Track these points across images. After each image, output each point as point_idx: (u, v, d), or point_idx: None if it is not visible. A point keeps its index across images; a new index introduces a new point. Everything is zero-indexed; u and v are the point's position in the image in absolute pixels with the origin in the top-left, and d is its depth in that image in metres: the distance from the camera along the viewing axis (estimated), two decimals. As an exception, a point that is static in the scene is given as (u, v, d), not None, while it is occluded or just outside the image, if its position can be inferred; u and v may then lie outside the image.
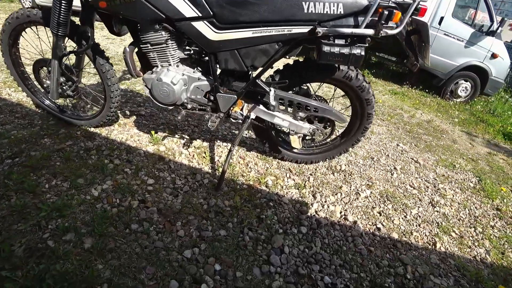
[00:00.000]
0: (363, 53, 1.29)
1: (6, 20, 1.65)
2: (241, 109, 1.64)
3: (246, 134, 2.25)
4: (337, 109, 2.92)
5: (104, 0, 1.33)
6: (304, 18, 1.31)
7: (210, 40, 1.39)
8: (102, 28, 5.00)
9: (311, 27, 1.30)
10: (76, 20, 1.61)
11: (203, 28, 1.36)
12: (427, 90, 5.18)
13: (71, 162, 1.62)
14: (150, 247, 1.22)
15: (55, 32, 1.52)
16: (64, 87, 1.75)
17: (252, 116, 1.62)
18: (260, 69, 1.49)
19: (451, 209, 1.92)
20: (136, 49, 1.56)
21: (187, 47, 1.56)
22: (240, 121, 1.64)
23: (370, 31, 1.26)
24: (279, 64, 1.57)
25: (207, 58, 1.56)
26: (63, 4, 1.45)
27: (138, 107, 2.40)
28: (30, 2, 7.40)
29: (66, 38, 1.60)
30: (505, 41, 5.33)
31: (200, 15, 1.34)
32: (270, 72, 1.66)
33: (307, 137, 1.74)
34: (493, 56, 4.75)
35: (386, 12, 1.24)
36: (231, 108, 1.60)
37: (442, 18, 4.60)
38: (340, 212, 1.65)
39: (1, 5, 7.62)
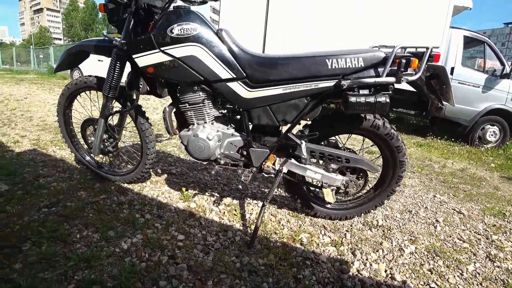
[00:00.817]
0: (388, 100, 1.33)
1: (66, 86, 1.93)
2: (273, 164, 1.66)
3: (276, 192, 2.22)
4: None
5: (152, 66, 1.52)
6: (329, 73, 1.41)
7: (244, 98, 1.50)
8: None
9: (336, 80, 1.38)
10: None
11: (238, 88, 1.49)
12: (453, 139, 5.04)
13: (103, 214, 1.67)
14: (181, 308, 1.13)
15: (106, 94, 1.74)
16: (106, 143, 1.92)
17: (285, 170, 1.62)
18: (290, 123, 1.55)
19: (514, 264, 1.69)
20: (174, 109, 1.69)
21: (221, 106, 1.68)
22: (272, 175, 1.65)
23: (392, 79, 1.32)
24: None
25: (239, 116, 1.66)
26: (116, 71, 1.70)
27: (169, 166, 2.49)
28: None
29: (114, 100, 1.80)
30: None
31: (235, 76, 1.48)
32: (299, 127, 1.72)
33: (340, 190, 1.69)
34: None
35: (404, 61, 1.32)
36: (264, 162, 1.63)
37: (452, 68, 4.73)
38: (385, 271, 1.49)
39: (56, 81, 8.97)
